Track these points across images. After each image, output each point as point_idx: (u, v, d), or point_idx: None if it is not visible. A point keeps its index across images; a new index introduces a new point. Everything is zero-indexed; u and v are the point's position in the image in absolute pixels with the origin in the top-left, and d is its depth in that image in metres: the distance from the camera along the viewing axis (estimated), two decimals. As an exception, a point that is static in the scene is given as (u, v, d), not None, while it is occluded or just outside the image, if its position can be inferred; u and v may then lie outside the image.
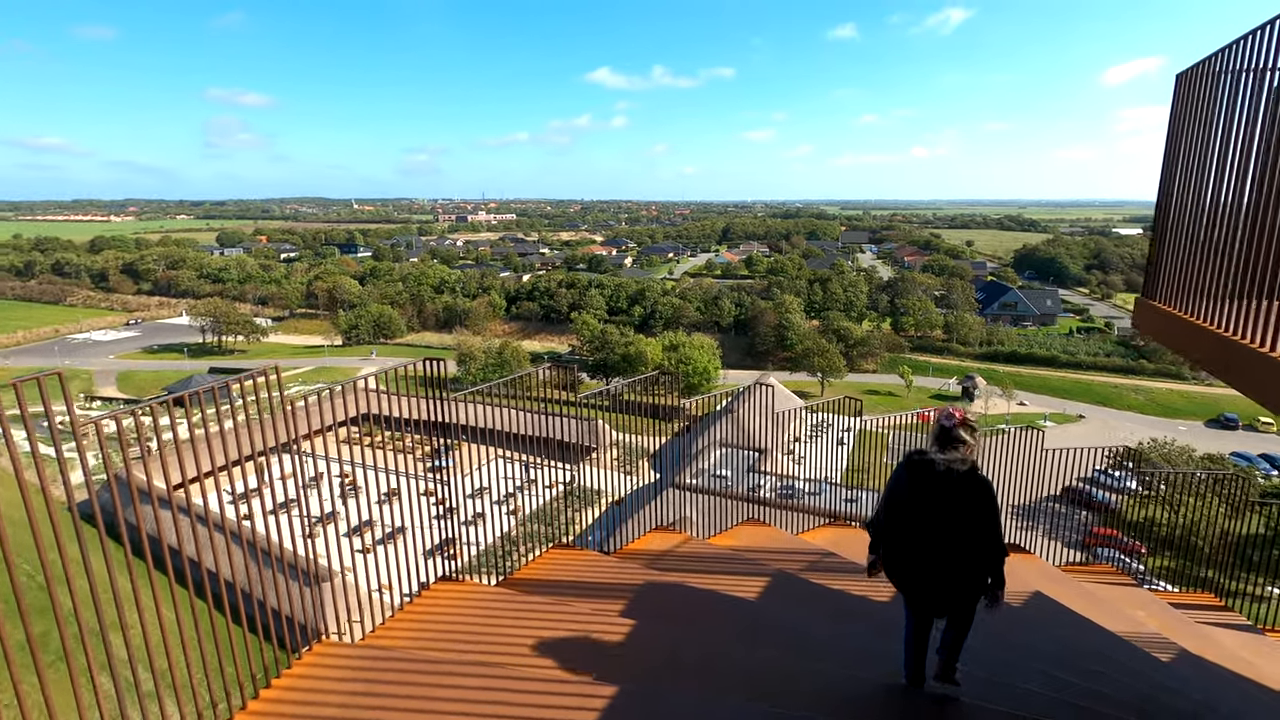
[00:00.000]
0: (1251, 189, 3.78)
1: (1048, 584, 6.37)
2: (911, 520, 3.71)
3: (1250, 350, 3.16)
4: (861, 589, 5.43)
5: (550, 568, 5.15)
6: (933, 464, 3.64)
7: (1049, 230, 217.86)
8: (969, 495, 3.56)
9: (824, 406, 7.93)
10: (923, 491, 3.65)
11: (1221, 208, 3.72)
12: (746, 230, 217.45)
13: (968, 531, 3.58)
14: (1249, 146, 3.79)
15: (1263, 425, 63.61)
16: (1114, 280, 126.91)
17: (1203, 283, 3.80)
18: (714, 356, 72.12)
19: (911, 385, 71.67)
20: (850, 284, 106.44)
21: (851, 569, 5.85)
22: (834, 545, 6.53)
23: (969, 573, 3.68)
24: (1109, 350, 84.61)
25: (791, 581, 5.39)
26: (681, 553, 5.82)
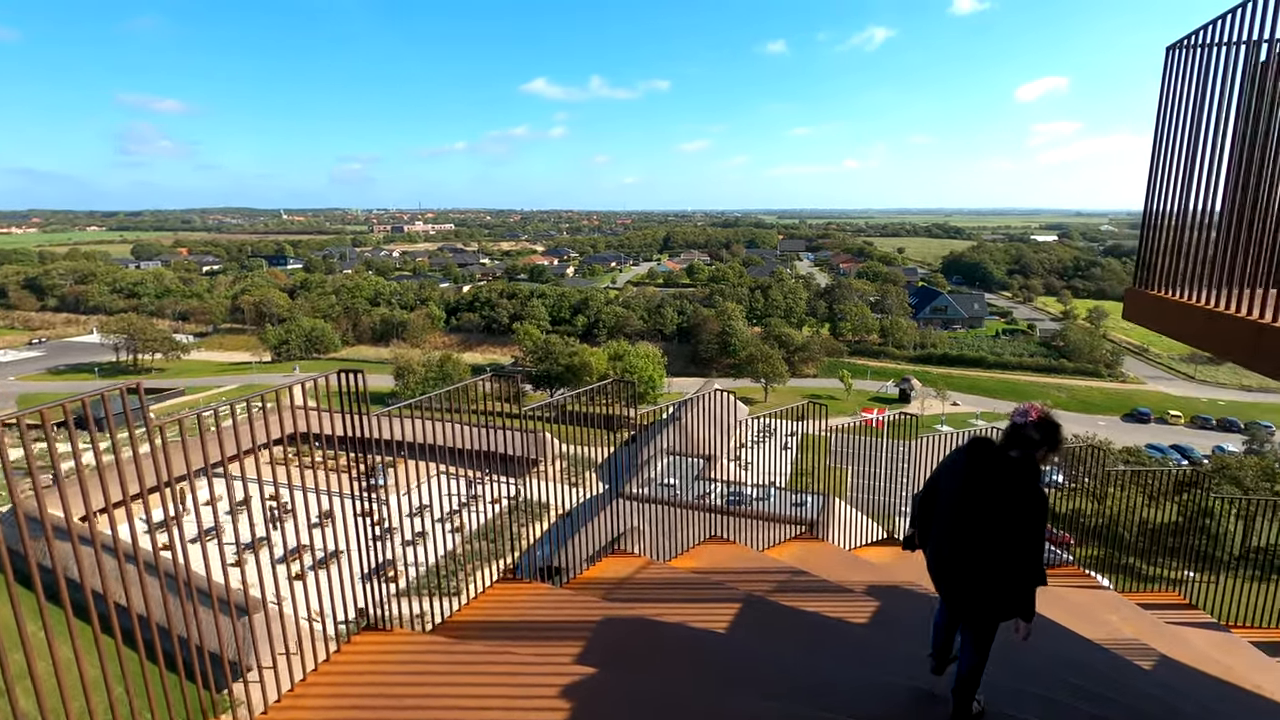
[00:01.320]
0: (1243, 172, 3.54)
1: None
2: (952, 506, 3.49)
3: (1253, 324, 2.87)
4: (838, 610, 5.03)
5: (493, 606, 4.52)
6: (989, 452, 3.39)
7: (973, 237, 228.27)
8: (1015, 499, 3.28)
9: (790, 413, 7.59)
10: (971, 477, 3.42)
11: (1217, 190, 3.48)
12: (687, 239, 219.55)
13: (1003, 537, 3.30)
14: (1246, 125, 3.54)
15: (1172, 418, 67.69)
16: (1034, 284, 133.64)
17: (1196, 268, 3.55)
18: (659, 365, 71.99)
19: (851, 389, 73.27)
20: (790, 291, 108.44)
21: (823, 588, 5.44)
22: (803, 561, 6.13)
23: (994, 580, 3.39)
24: (1032, 351, 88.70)
25: (762, 607, 4.92)
26: (641, 580, 5.29)
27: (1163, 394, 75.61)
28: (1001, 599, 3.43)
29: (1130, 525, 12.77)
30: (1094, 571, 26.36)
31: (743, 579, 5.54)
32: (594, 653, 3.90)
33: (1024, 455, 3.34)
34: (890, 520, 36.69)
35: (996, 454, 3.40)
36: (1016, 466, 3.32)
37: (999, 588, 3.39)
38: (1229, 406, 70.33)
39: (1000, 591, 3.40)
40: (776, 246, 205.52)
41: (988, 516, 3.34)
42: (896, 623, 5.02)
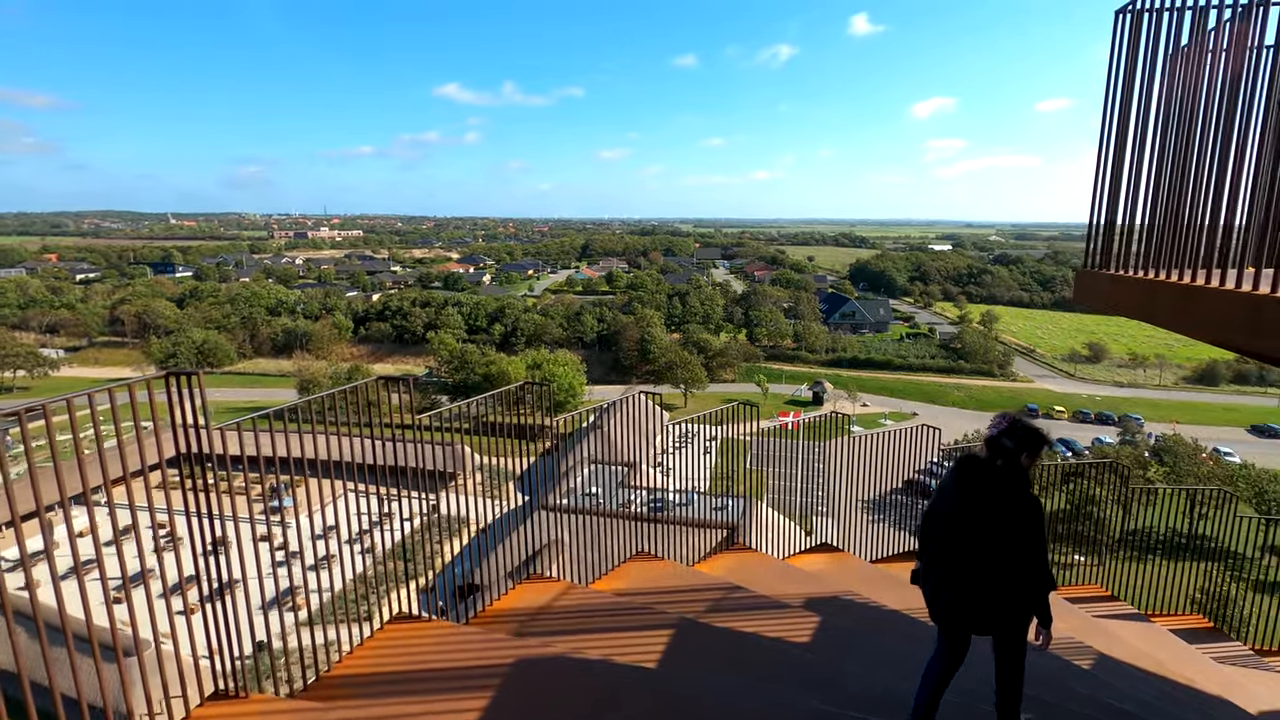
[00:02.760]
0: (1193, 141, 3.35)
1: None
2: (952, 528, 3.43)
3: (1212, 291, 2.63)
4: (777, 628, 4.61)
5: (382, 653, 3.79)
6: (976, 467, 3.38)
7: (877, 246, 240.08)
8: (1008, 509, 3.26)
9: (720, 416, 7.20)
10: (962, 496, 3.39)
11: (1167, 164, 3.28)
12: (606, 247, 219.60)
13: (1005, 549, 3.27)
14: (1201, 92, 3.35)
15: (1056, 414, 72.99)
16: (933, 290, 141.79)
17: (1149, 247, 3.34)
18: (578, 373, 71.18)
19: (768, 393, 74.91)
20: (707, 298, 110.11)
21: (759, 604, 5.02)
22: (736, 575, 5.70)
23: (1006, 593, 3.33)
24: (933, 353, 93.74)
25: (696, 632, 4.43)
26: (561, 608, 4.68)
27: (1048, 391, 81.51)
28: (1017, 610, 3.37)
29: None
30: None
31: (673, 599, 5.04)
32: (504, 707, 3.27)
33: (1007, 465, 3.32)
34: (809, 520, 37.11)
35: (982, 468, 3.38)
36: (1002, 477, 3.30)
37: (1012, 600, 3.33)
38: (1105, 401, 76.59)
39: (1014, 603, 3.34)
40: (693, 254, 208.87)
41: (986, 531, 3.28)
42: (838, 640, 4.66)
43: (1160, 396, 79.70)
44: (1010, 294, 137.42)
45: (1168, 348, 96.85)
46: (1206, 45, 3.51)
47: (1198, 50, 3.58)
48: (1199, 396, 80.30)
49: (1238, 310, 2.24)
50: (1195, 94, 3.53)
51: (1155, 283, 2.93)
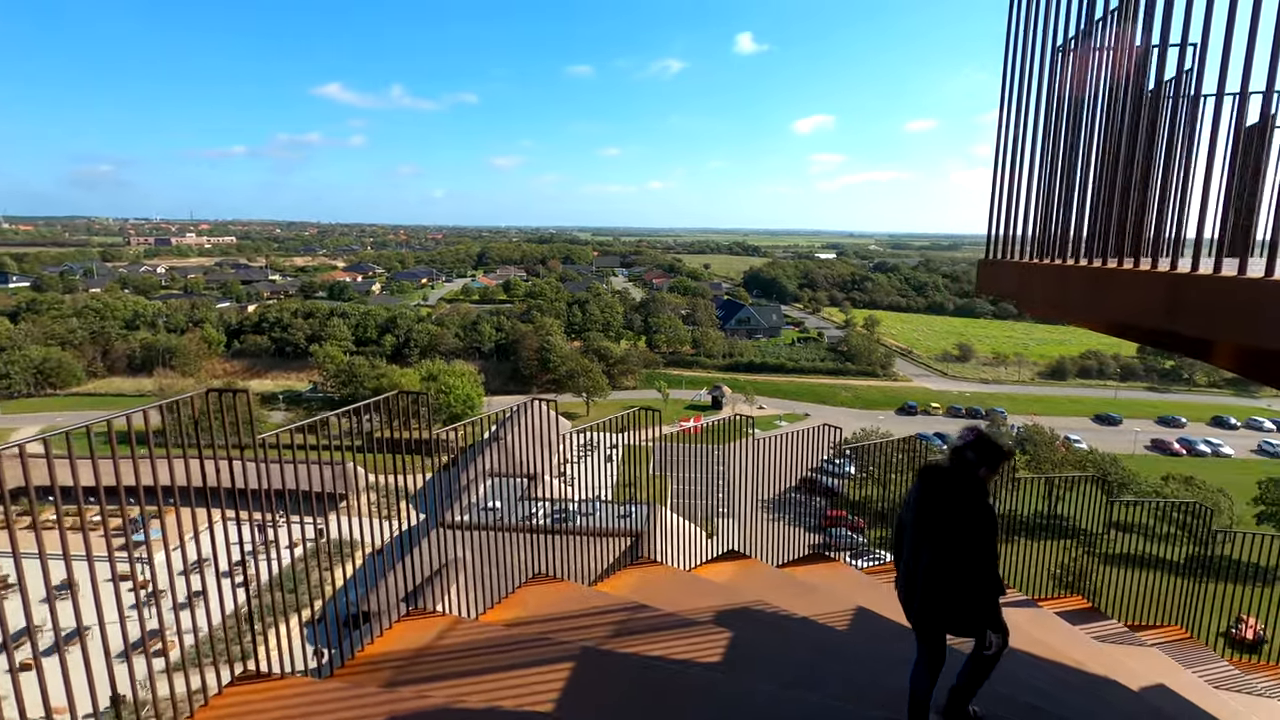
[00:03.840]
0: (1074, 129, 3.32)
1: (863, 594, 5.90)
2: (912, 532, 3.65)
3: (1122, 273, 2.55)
4: (686, 650, 4.29)
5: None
6: (936, 476, 3.58)
7: (768, 255, 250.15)
8: (962, 517, 3.44)
9: (621, 422, 6.87)
10: (923, 502, 3.59)
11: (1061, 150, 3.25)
12: (503, 255, 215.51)
13: (957, 554, 3.45)
14: (1086, 76, 3.33)
15: (933, 410, 78.47)
16: (821, 296, 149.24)
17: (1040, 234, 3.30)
18: (476, 384, 69.04)
19: (669, 398, 75.76)
20: (606, 305, 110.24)
21: (666, 623, 4.68)
22: (641, 592, 5.34)
23: (956, 597, 3.51)
24: (822, 356, 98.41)
25: (597, 662, 4.01)
26: (445, 647, 4.12)
27: (925, 389, 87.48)
28: (966, 614, 3.55)
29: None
30: (886, 553, 29.06)
31: (574, 625, 4.60)
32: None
33: (967, 475, 3.51)
34: (713, 522, 37.51)
35: (943, 477, 3.57)
36: (961, 487, 3.49)
37: (961, 604, 3.51)
38: (974, 397, 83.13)
39: (963, 607, 3.52)
40: (592, 262, 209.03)
41: (940, 536, 3.45)
42: (749, 656, 4.39)
43: (1019, 391, 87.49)
44: (889, 299, 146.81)
45: (1024, 347, 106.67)
46: (1092, 39, 3.54)
47: (1084, 42, 3.61)
48: (1050, 390, 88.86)
49: (1154, 291, 2.12)
50: (1082, 86, 3.56)
51: (1065, 268, 2.86)
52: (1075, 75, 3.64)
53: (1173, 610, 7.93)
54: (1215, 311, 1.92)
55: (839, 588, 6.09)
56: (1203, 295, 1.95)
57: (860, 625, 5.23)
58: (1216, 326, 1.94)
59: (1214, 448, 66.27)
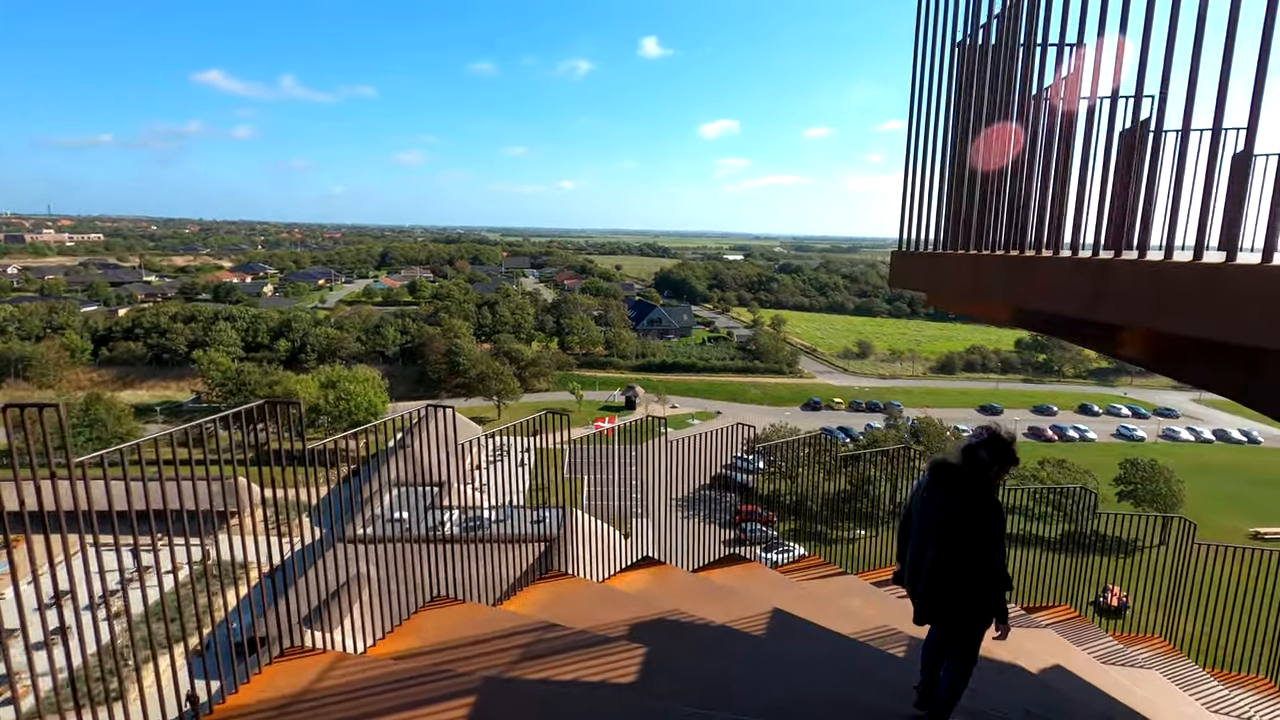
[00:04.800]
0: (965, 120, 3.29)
1: (779, 595, 5.82)
2: (921, 525, 3.73)
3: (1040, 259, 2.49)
4: (598, 671, 3.99)
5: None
6: (947, 471, 3.66)
7: (678, 256, 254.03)
8: (971, 513, 3.53)
9: (528, 426, 6.52)
10: (932, 496, 3.67)
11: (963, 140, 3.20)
12: (407, 255, 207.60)
13: (965, 548, 3.55)
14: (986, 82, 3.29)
15: (836, 405, 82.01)
16: (729, 297, 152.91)
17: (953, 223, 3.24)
18: (380, 389, 65.99)
19: (582, 400, 75.28)
20: (517, 307, 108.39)
21: (578, 642, 4.37)
22: (551, 609, 4.99)
23: (963, 589, 3.61)
24: (732, 355, 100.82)
25: (501, 694, 3.65)
26: (323, 690, 3.62)
27: (829, 385, 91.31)
28: (973, 606, 3.64)
29: (816, 498, 14.58)
30: (797, 545, 29.84)
31: (475, 653, 4.20)
32: None
33: (977, 473, 3.58)
34: (628, 523, 37.37)
35: (955, 474, 3.64)
36: (972, 484, 3.56)
37: (969, 596, 3.60)
38: (873, 391, 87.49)
39: (970, 599, 3.61)
40: (501, 263, 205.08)
41: (953, 531, 3.54)
42: (662, 672, 4.16)
43: (913, 385, 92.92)
44: (794, 299, 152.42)
45: (917, 344, 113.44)
46: (988, 36, 3.53)
47: (980, 40, 3.60)
48: (940, 383, 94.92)
49: (1079, 278, 2.02)
50: (978, 84, 3.55)
51: (980, 257, 2.78)
52: (972, 73, 3.64)
53: (1058, 588, 8.41)
54: (1141, 297, 1.82)
55: (754, 590, 5.99)
56: (1135, 281, 1.85)
57: (777, 629, 5.13)
58: (1139, 313, 1.85)
59: (1081, 433, 72.76)
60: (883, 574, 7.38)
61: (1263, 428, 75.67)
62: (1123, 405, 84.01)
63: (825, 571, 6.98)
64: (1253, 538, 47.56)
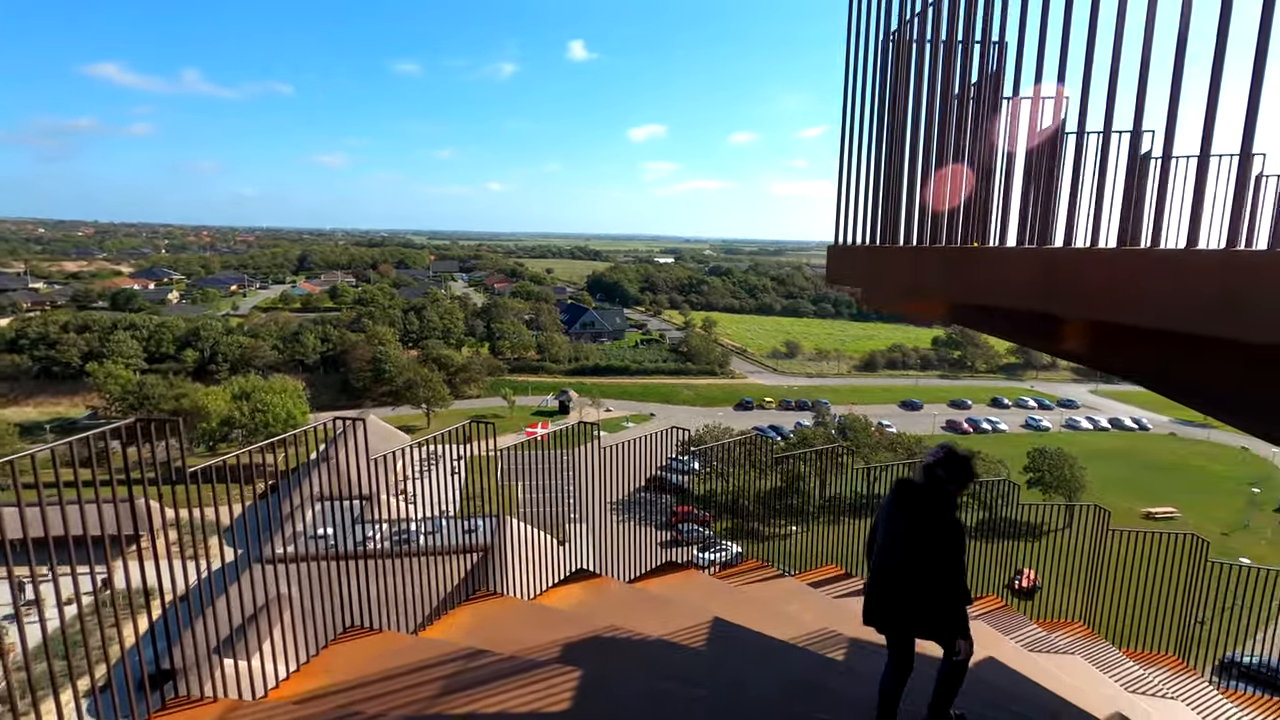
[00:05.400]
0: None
1: (717, 603, 5.66)
2: (884, 542, 3.79)
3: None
4: (529, 701, 3.69)
5: None
6: (908, 490, 3.76)
7: (610, 259, 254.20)
8: (932, 530, 3.61)
9: (452, 436, 6.15)
10: (894, 514, 3.75)
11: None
12: (328, 259, 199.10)
13: (926, 564, 3.61)
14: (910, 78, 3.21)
15: (767, 404, 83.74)
16: (661, 299, 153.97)
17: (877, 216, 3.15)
18: (299, 400, 62.89)
19: (514, 405, 74.01)
20: (446, 312, 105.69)
21: (508, 669, 4.05)
22: (479, 633, 4.64)
23: (925, 604, 3.67)
24: (665, 357, 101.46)
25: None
26: (212, 746, 3.17)
27: (760, 385, 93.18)
28: (935, 621, 3.70)
29: (749, 496, 14.72)
30: (732, 544, 30.23)
31: (392, 688, 3.83)
32: None
33: (937, 490, 3.67)
34: (563, 529, 37.00)
35: (915, 491, 3.73)
36: (931, 501, 3.65)
37: (931, 611, 3.66)
38: (802, 390, 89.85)
39: (932, 614, 3.67)
40: (429, 267, 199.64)
41: (914, 547, 3.61)
42: (597, 695, 3.92)
43: (839, 383, 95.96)
44: (724, 301, 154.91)
45: (841, 343, 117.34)
46: (917, 30, 3.48)
47: (908, 33, 3.55)
48: (864, 381, 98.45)
49: (1029, 268, 1.91)
50: (906, 79, 3.50)
51: (926, 250, 2.67)
52: (901, 65, 3.58)
53: (980, 577, 8.67)
54: (1097, 288, 1.71)
55: (693, 598, 5.82)
56: (1101, 270, 1.74)
57: (716, 639, 4.96)
58: (1095, 305, 1.74)
59: (993, 425, 76.92)
60: (820, 574, 7.37)
61: (1153, 415, 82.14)
62: (1029, 398, 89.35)
63: (763, 574, 6.89)
64: (1145, 518, 51.44)
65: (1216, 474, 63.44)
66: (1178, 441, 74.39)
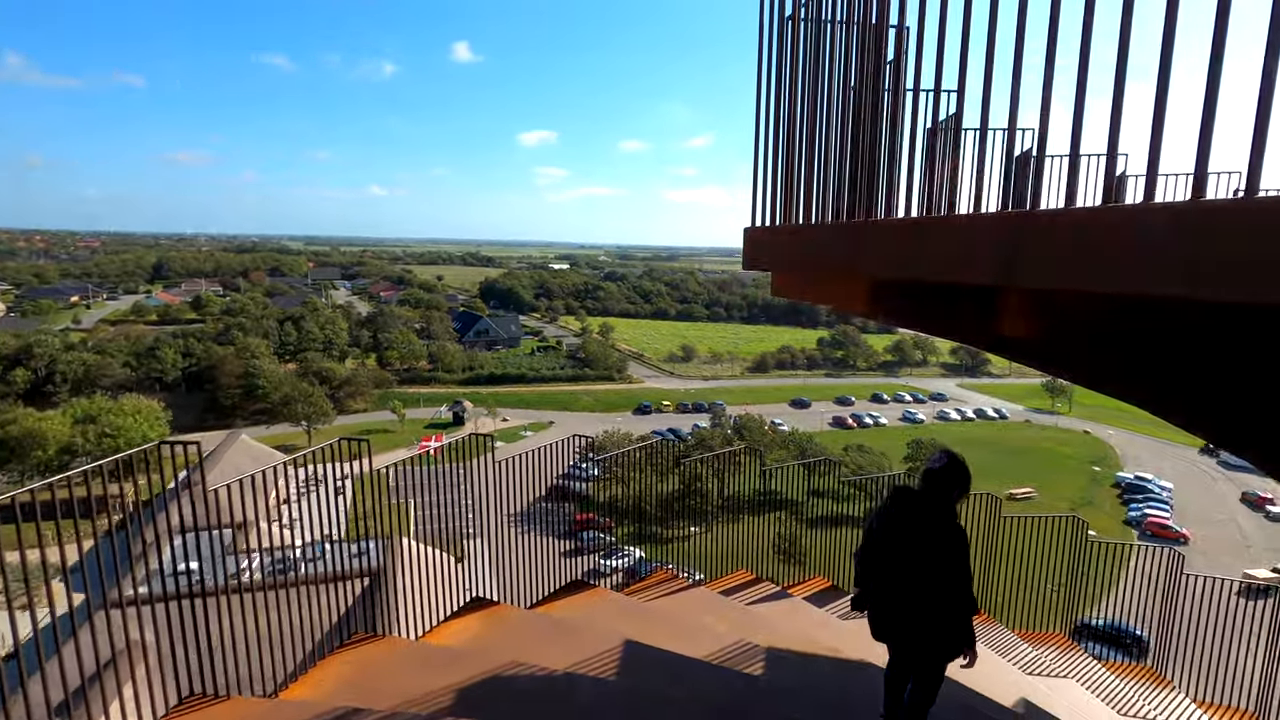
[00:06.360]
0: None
1: (627, 622, 5.24)
2: (887, 554, 3.69)
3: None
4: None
5: None
6: (909, 498, 3.69)
7: (503, 265, 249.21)
8: (936, 538, 3.55)
9: (325, 454, 5.39)
10: (896, 524, 3.67)
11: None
12: (190, 266, 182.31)
13: (932, 575, 3.55)
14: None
15: (664, 407, 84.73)
16: (557, 305, 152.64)
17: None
18: (157, 421, 56.81)
19: (405, 419, 70.59)
20: (327, 321, 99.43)
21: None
22: (354, 688, 3.94)
23: (930, 618, 3.60)
24: (562, 364, 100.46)
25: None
26: None
27: (657, 389, 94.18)
28: (944, 633, 3.62)
29: (650, 500, 14.67)
30: (635, 549, 30.01)
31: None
32: None
33: (939, 498, 3.59)
34: (460, 547, 35.24)
35: (916, 499, 3.65)
36: (933, 508, 3.58)
37: (940, 622, 3.58)
38: (698, 393, 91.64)
39: (941, 626, 3.58)
40: (307, 274, 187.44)
41: (916, 557, 3.54)
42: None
43: (734, 385, 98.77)
44: (620, 306, 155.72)
45: (735, 345, 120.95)
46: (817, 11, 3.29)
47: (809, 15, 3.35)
48: (757, 382, 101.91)
49: (995, 237, 1.64)
50: (807, 57, 3.29)
51: (861, 225, 2.40)
52: (801, 46, 3.39)
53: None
54: (1076, 253, 1.45)
55: (600, 620, 5.38)
56: (1067, 234, 1.47)
57: (628, 666, 4.55)
58: (1074, 272, 1.48)
59: (875, 419, 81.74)
60: (731, 580, 7.15)
61: (1010, 405, 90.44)
62: (905, 392, 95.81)
63: (673, 586, 6.56)
64: (1009, 499, 56.38)
65: (1064, 455, 70.52)
66: (1031, 428, 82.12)
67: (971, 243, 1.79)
